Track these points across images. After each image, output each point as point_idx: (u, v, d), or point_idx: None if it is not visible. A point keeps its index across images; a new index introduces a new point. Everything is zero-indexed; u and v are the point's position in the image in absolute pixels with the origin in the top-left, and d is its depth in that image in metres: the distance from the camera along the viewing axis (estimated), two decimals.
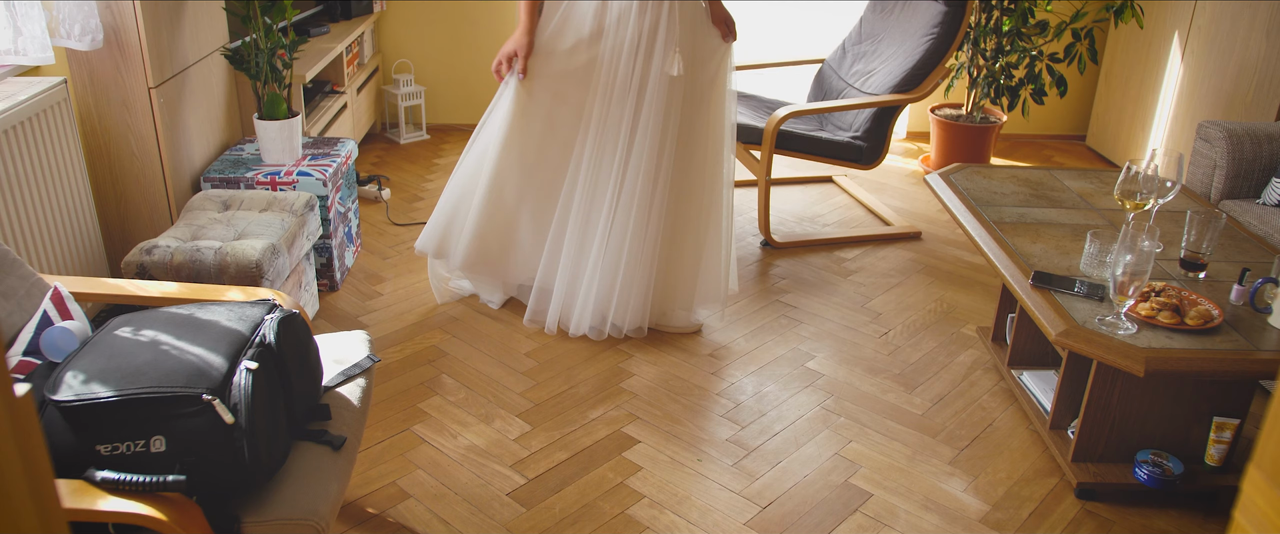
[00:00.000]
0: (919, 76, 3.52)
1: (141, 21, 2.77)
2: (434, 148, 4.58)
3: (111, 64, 2.83)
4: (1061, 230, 2.53)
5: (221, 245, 2.60)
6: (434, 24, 4.63)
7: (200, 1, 3.11)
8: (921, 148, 4.75)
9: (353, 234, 3.42)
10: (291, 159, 3.18)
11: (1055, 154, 4.75)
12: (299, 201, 2.91)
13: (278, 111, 3.13)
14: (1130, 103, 4.45)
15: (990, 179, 2.86)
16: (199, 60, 3.13)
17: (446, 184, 3.10)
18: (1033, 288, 2.20)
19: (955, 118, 4.30)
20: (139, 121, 2.89)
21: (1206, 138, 3.13)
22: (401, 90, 4.53)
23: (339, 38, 4.00)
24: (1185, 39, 4.04)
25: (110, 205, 2.98)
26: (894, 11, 3.81)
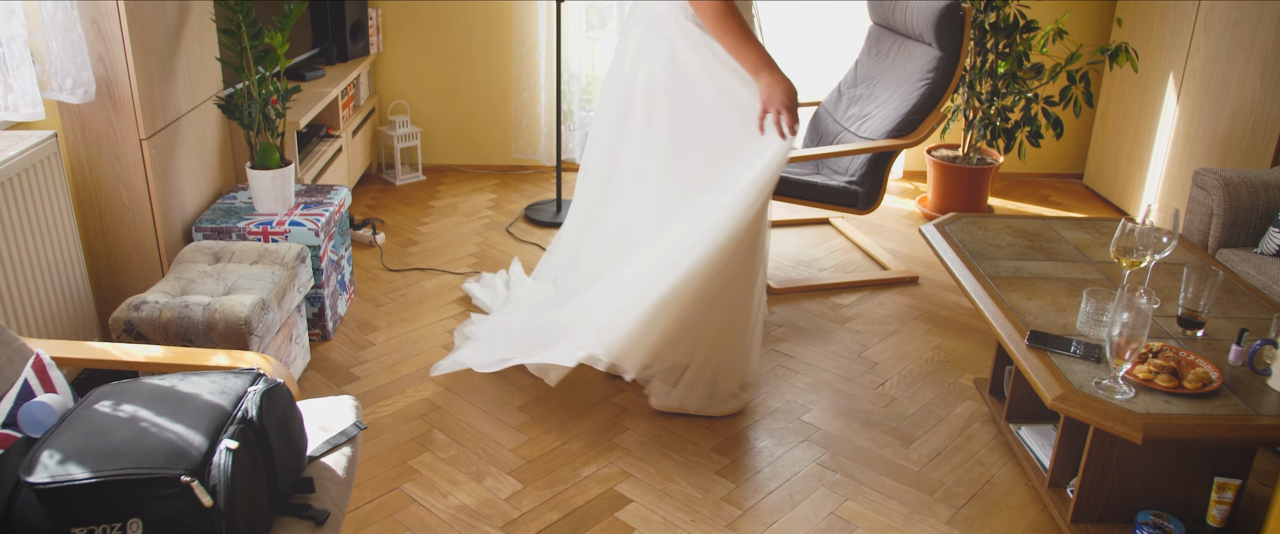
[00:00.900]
0: (914, 121, 3.51)
1: (134, 73, 2.76)
2: (430, 189, 4.57)
3: (103, 116, 2.82)
4: (1058, 285, 2.50)
5: (210, 301, 2.58)
6: (430, 65, 4.63)
7: (194, 50, 3.11)
8: (918, 188, 4.74)
9: (346, 282, 3.40)
10: (284, 208, 3.16)
11: (1053, 194, 4.73)
12: (290, 254, 2.89)
13: (270, 161, 3.11)
14: (1127, 143, 4.44)
15: (985, 230, 2.84)
16: (192, 108, 3.12)
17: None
18: (1029, 349, 2.17)
19: (952, 159, 4.29)
20: (130, 173, 2.88)
21: (1203, 185, 3.11)
22: (397, 131, 4.53)
23: (335, 81, 3.99)
24: (1180, 81, 4.03)
25: (101, 257, 2.97)
26: (889, 55, 3.80)
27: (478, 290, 3.45)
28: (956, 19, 3.46)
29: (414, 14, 4.53)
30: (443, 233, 4.06)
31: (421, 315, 3.36)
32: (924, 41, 3.62)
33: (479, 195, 4.49)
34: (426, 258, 3.82)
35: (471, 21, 4.54)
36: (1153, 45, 4.22)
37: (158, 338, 2.54)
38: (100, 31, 2.72)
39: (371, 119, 4.60)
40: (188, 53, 3.08)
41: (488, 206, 4.35)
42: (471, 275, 3.58)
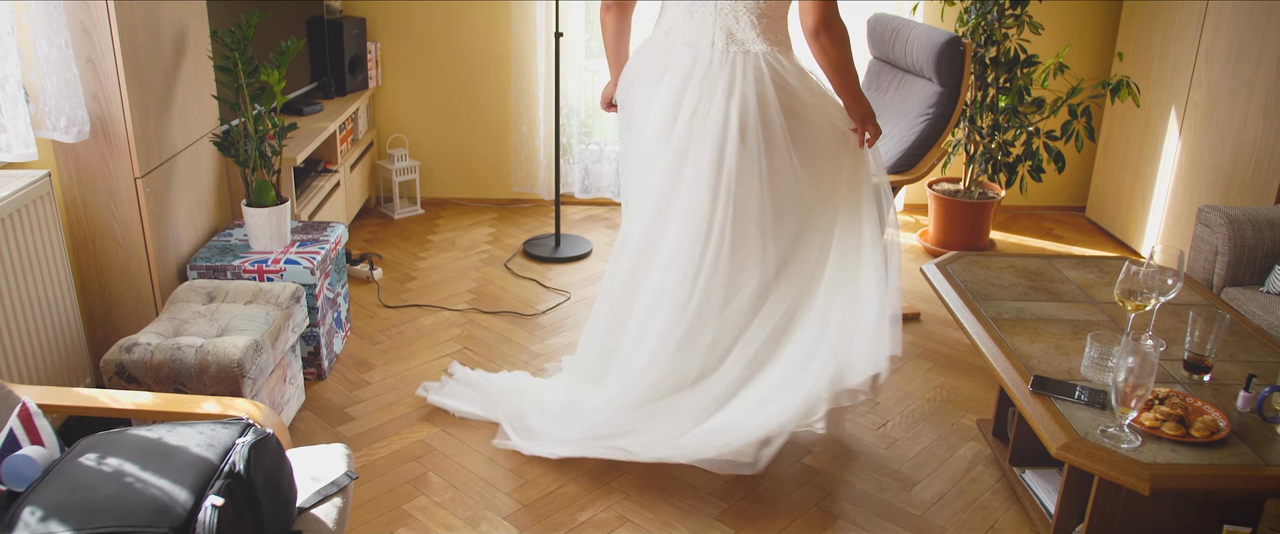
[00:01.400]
0: (915, 157, 3.49)
1: (129, 111, 2.74)
2: (428, 223, 4.54)
3: (98, 154, 2.80)
4: (1061, 327, 2.47)
5: (203, 343, 2.55)
6: (430, 98, 4.62)
7: (191, 86, 3.10)
8: (920, 221, 4.72)
9: (342, 319, 3.37)
10: (280, 246, 3.14)
11: (1055, 227, 4.71)
12: (285, 293, 2.86)
13: (266, 198, 3.09)
14: (1129, 176, 4.41)
15: (987, 269, 2.81)
16: (188, 146, 3.10)
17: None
18: (1032, 395, 2.14)
19: (953, 193, 4.26)
20: (125, 211, 2.86)
21: (1207, 223, 3.08)
22: (396, 165, 4.51)
23: (333, 116, 3.98)
24: (1182, 115, 4.01)
25: (95, 296, 2.94)
26: (889, 90, 3.79)
27: (453, 401, 2.98)
28: (957, 54, 3.45)
29: (413, 48, 4.53)
30: (441, 268, 4.03)
31: (418, 353, 3.33)
32: (924, 76, 3.60)
33: (477, 229, 4.46)
34: (424, 294, 3.79)
35: (471, 55, 4.54)
36: (1154, 79, 4.21)
37: (149, 380, 2.51)
38: (95, 70, 2.71)
39: (370, 152, 4.58)
40: (184, 89, 3.06)
41: (486, 241, 4.33)
42: (433, 383, 3.10)
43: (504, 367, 3.23)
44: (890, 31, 3.77)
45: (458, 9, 4.46)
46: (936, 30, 3.52)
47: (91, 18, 2.66)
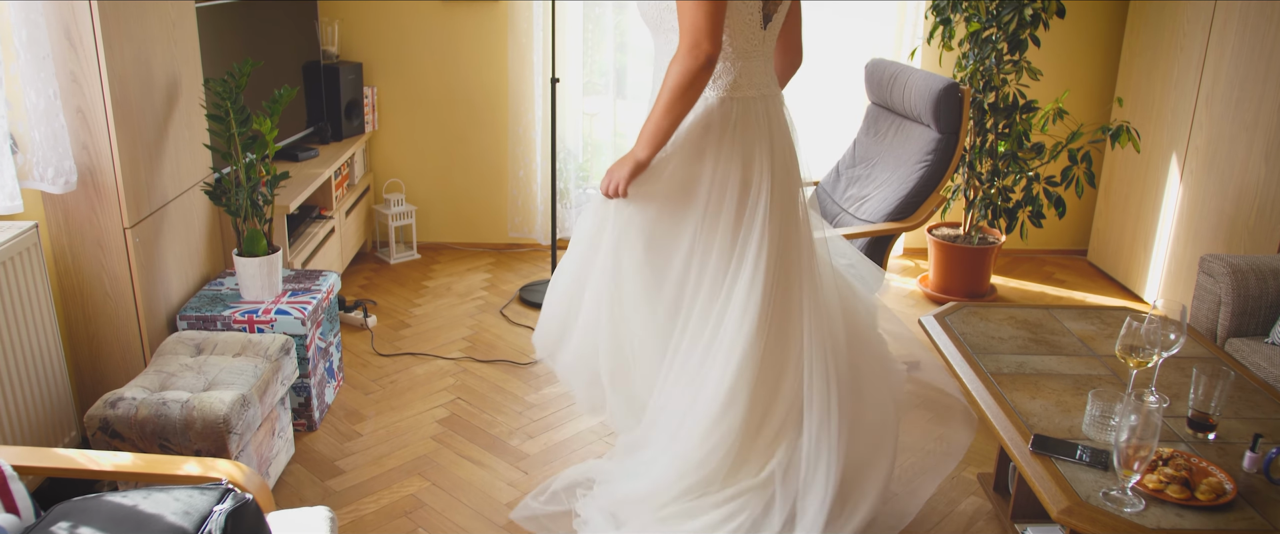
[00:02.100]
0: (914, 204, 3.45)
1: (118, 161, 2.72)
2: (424, 268, 4.51)
3: (87, 204, 2.78)
4: (1062, 382, 2.42)
5: (189, 397, 2.50)
6: (427, 142, 4.61)
7: (183, 134, 3.08)
8: (920, 266, 4.68)
9: (334, 369, 3.33)
10: (271, 296, 3.10)
11: (1057, 271, 4.66)
12: (274, 345, 2.82)
13: (257, 248, 3.06)
14: (1130, 220, 4.38)
15: (987, 321, 2.77)
16: (180, 194, 3.08)
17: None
18: (1033, 455, 2.08)
19: (953, 239, 4.23)
20: (113, 262, 2.83)
21: (1210, 272, 3.04)
22: (392, 209, 4.49)
23: (328, 161, 3.96)
24: (1183, 160, 3.99)
25: (83, 347, 2.90)
26: (888, 135, 3.77)
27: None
28: (955, 100, 3.42)
29: (411, 92, 4.52)
30: (435, 315, 4.00)
31: (410, 404, 3.28)
32: (922, 123, 3.58)
33: (474, 275, 4.43)
34: (418, 342, 3.74)
35: (468, 99, 4.53)
36: (1154, 124, 4.19)
37: (134, 436, 2.46)
38: (85, 120, 2.69)
39: (367, 197, 4.56)
40: (176, 137, 3.04)
41: (482, 287, 4.29)
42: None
43: (499, 416, 3.18)
44: (888, 77, 3.75)
45: (455, 54, 4.46)
46: (934, 76, 3.50)
47: (82, 68, 2.64)
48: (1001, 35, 3.91)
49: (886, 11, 4.37)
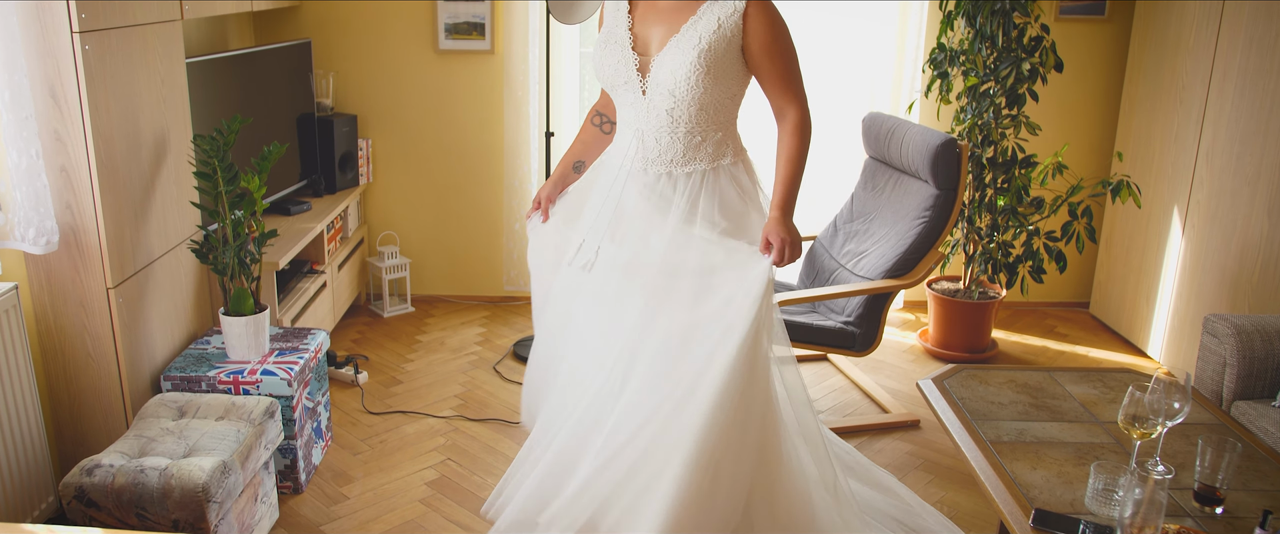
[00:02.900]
0: (912, 261, 3.40)
1: (102, 221, 2.68)
2: (418, 322, 4.46)
3: (70, 264, 2.73)
4: (1064, 451, 2.35)
5: (168, 464, 2.44)
6: (421, 195, 4.57)
7: (171, 191, 3.04)
8: (920, 319, 4.62)
9: (322, 428, 3.26)
10: (257, 355, 3.04)
11: (1058, 324, 4.60)
12: (258, 409, 2.76)
13: (244, 307, 3.01)
14: (1133, 274, 4.32)
15: (987, 384, 2.71)
16: (166, 252, 3.03)
17: None
18: (1034, 531, 2.01)
19: (953, 293, 4.17)
20: (96, 323, 2.77)
21: (1214, 333, 2.98)
22: (386, 262, 4.44)
23: (321, 215, 3.92)
24: (1185, 214, 3.94)
25: (64, 409, 2.84)
26: (885, 190, 3.73)
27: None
28: (953, 157, 3.39)
29: (405, 144, 4.50)
30: (428, 371, 3.93)
31: (399, 465, 3.21)
32: (920, 178, 3.54)
33: (468, 329, 4.37)
34: (409, 399, 3.68)
35: (463, 151, 4.50)
36: (1154, 178, 4.15)
37: (110, 505, 2.40)
38: (69, 179, 2.65)
39: (361, 249, 4.52)
40: (164, 195, 3.00)
41: (476, 342, 4.23)
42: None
43: (489, 478, 3.11)
44: (885, 132, 3.72)
45: (450, 106, 4.44)
46: (932, 132, 3.47)
47: (66, 126, 2.61)
48: (999, 89, 3.88)
49: (883, 64, 4.35)
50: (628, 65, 2.46)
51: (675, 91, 2.40)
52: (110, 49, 2.68)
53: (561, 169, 2.80)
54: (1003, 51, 3.86)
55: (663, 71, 2.40)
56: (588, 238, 2.58)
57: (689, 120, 2.44)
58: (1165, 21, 4.10)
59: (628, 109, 2.51)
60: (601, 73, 2.52)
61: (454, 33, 4.32)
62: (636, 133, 2.50)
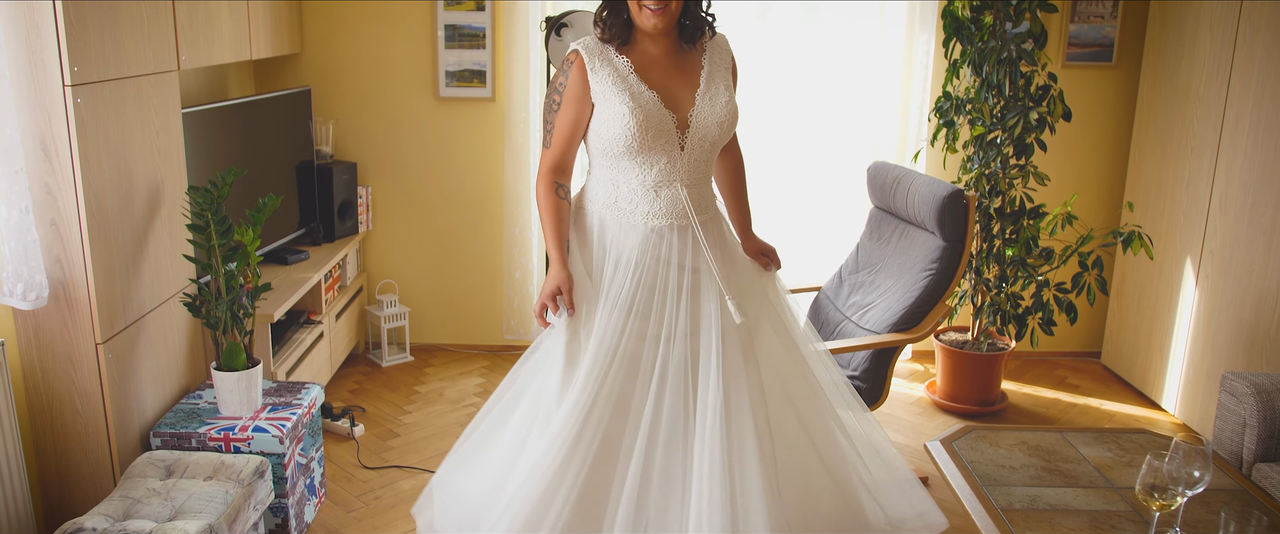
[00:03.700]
0: (919, 314, 3.33)
1: (92, 276, 2.63)
2: (417, 371, 4.38)
3: (58, 319, 2.68)
4: (1079, 520, 2.26)
5: (152, 529, 2.37)
6: (421, 243, 4.52)
7: (164, 244, 2.99)
8: (928, 370, 4.53)
9: (316, 485, 3.18)
10: (249, 411, 2.98)
11: (1070, 375, 4.51)
12: (247, 469, 2.69)
13: (236, 362, 2.95)
14: (1145, 325, 4.24)
15: (997, 446, 2.62)
16: (158, 305, 2.97)
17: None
18: None
19: (961, 344, 4.09)
20: (84, 379, 2.71)
21: (1233, 392, 2.89)
22: (385, 311, 4.38)
23: (318, 265, 3.87)
24: (1198, 264, 3.86)
25: (50, 467, 2.77)
26: (891, 241, 3.66)
27: None
28: (960, 208, 3.32)
29: (405, 192, 4.46)
30: (426, 423, 3.86)
31: (394, 523, 3.13)
32: (927, 229, 3.48)
33: (467, 379, 4.30)
34: (406, 453, 3.60)
35: (464, 200, 4.46)
36: (1166, 227, 4.08)
37: None
38: (59, 233, 2.61)
39: (360, 297, 4.46)
40: (157, 247, 2.95)
41: (475, 393, 4.15)
42: None
43: None
44: (891, 181, 3.66)
45: (450, 153, 4.40)
46: (938, 183, 3.41)
47: (56, 180, 2.57)
48: (1007, 139, 3.83)
49: (889, 113, 4.31)
50: (667, 123, 2.37)
51: (715, 140, 2.43)
52: (103, 101, 2.65)
53: (561, 253, 2.47)
54: (1010, 100, 3.81)
55: (705, 123, 2.40)
56: (667, 314, 2.42)
57: (711, 165, 2.51)
58: (1174, 68, 4.05)
59: (652, 169, 2.40)
60: (626, 139, 2.35)
61: (455, 80, 4.30)
62: (672, 192, 2.41)
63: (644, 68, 2.41)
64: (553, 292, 2.41)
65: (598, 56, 2.38)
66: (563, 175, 2.50)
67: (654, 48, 2.43)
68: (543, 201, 2.49)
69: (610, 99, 2.36)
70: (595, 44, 2.41)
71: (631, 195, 2.43)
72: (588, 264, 2.48)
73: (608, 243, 2.46)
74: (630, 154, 2.38)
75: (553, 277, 2.43)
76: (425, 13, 4.26)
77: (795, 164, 4.47)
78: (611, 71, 2.37)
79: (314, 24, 4.27)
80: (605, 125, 2.38)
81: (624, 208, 2.44)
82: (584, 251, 2.50)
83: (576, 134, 2.46)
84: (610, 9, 2.40)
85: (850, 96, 4.37)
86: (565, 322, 2.43)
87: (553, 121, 2.46)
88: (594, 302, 2.43)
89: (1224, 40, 3.73)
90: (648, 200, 2.41)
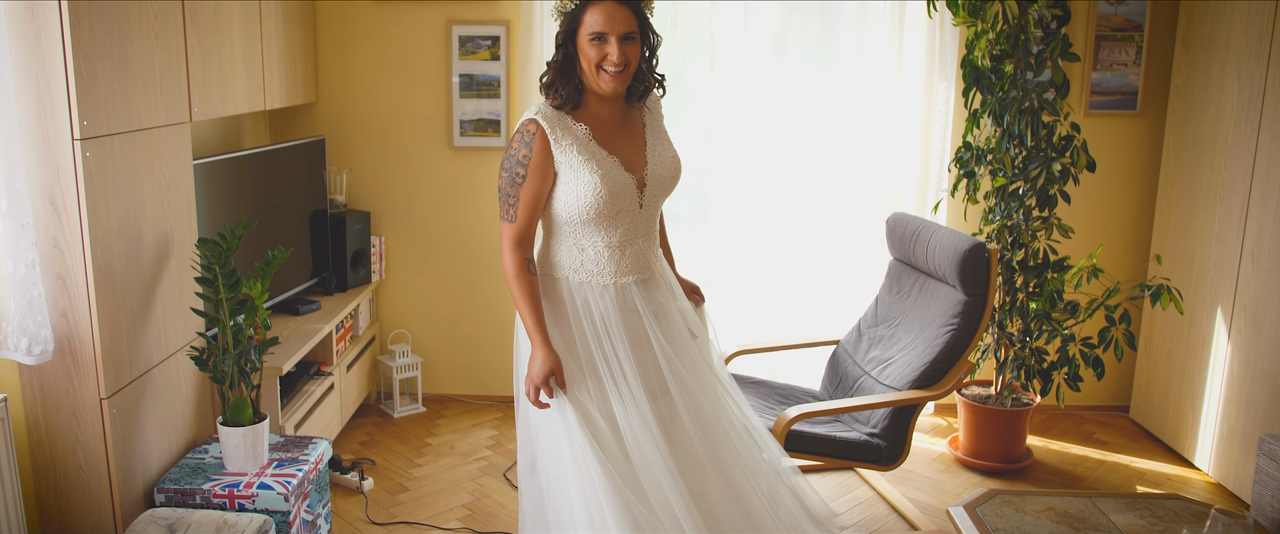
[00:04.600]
0: (940, 371, 3.25)
1: (98, 331, 2.59)
2: (429, 423, 4.32)
3: (63, 373, 2.64)
4: None
5: None
6: (434, 293, 4.48)
7: (172, 296, 2.96)
8: (950, 424, 4.42)
9: None
10: (255, 467, 2.92)
11: (1097, 430, 4.39)
12: (251, 529, 2.63)
13: (242, 417, 2.90)
14: (1175, 379, 4.13)
15: (1023, 513, 2.53)
16: (165, 359, 2.93)
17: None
18: None
19: (984, 400, 3.98)
20: (88, 434, 2.67)
21: (1272, 456, 2.78)
22: (397, 361, 4.33)
23: (330, 315, 3.83)
24: (1230, 318, 3.76)
25: (53, 525, 2.72)
26: (911, 294, 3.58)
27: None
28: (982, 262, 3.25)
29: (419, 242, 4.42)
30: (436, 477, 3.79)
31: None
32: (948, 282, 3.40)
33: (479, 431, 4.23)
34: (415, 509, 3.53)
35: (479, 249, 4.42)
36: (1196, 279, 3.98)
37: None
38: (66, 287, 2.58)
39: (372, 347, 4.41)
40: (165, 300, 2.92)
41: (487, 445, 4.08)
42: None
43: None
44: (910, 233, 3.60)
45: (465, 203, 4.37)
46: (959, 235, 3.34)
47: (64, 234, 2.55)
48: (1029, 190, 3.75)
49: (908, 163, 4.24)
50: (629, 186, 2.42)
51: (667, 193, 2.52)
52: (113, 153, 2.63)
53: (543, 334, 2.40)
54: (1032, 151, 3.74)
55: (659, 179, 2.47)
56: (626, 369, 2.44)
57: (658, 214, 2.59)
58: (1201, 117, 3.97)
59: (617, 230, 2.43)
60: (596, 207, 2.36)
61: (470, 129, 4.28)
62: (635, 248, 2.47)
63: (600, 132, 2.41)
64: (545, 376, 2.37)
65: (558, 126, 2.36)
66: (527, 248, 2.45)
67: (604, 111, 2.44)
68: (516, 281, 2.42)
69: (577, 168, 2.35)
70: (552, 112, 2.38)
71: (598, 257, 2.44)
72: (565, 333, 2.46)
73: (578, 306, 2.45)
74: (599, 219, 2.38)
75: (542, 361, 2.37)
76: (440, 62, 4.25)
77: (812, 214, 4.40)
78: (573, 140, 2.36)
79: (329, 74, 4.27)
80: (573, 195, 2.36)
81: (591, 269, 2.44)
82: (561, 320, 2.47)
83: (539, 204, 2.41)
84: (561, 74, 2.38)
85: (868, 145, 4.31)
86: (562, 398, 2.40)
87: (516, 194, 2.39)
88: (583, 373, 2.44)
89: (1253, 87, 3.65)
90: (614, 260, 2.44)
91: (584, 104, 2.42)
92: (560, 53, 2.38)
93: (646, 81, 2.48)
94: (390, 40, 4.25)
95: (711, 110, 4.35)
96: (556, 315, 2.47)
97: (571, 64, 2.37)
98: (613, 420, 2.40)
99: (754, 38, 4.22)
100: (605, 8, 2.30)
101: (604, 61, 2.31)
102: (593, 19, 2.30)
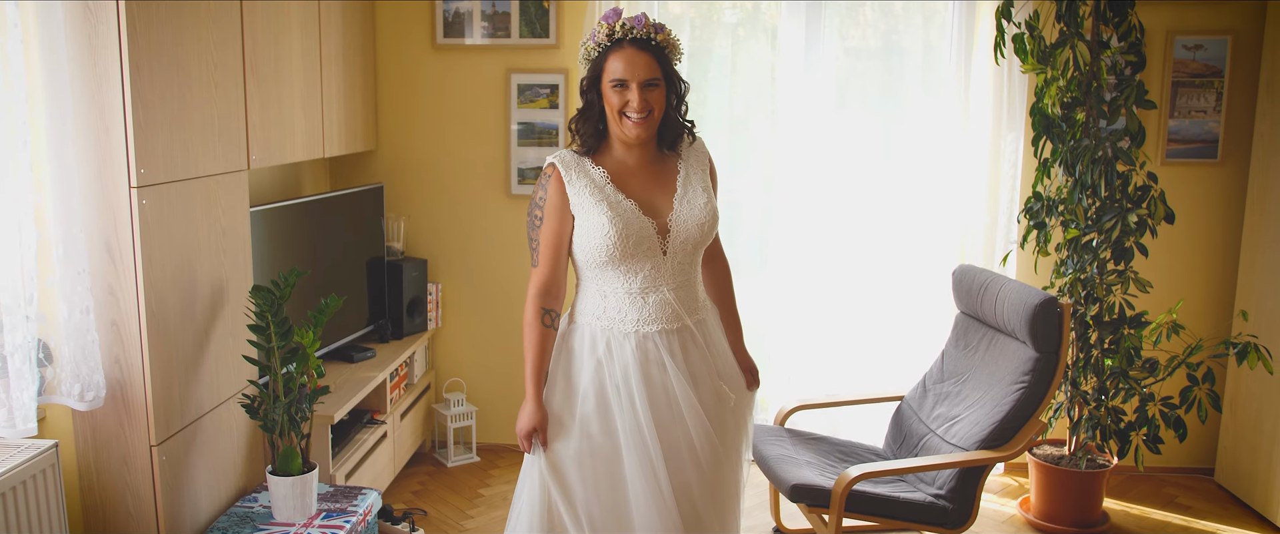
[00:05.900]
0: (1010, 431, 3.10)
1: (149, 378, 2.60)
2: (482, 473, 4.26)
3: (115, 420, 2.65)
4: None
5: None
6: (490, 341, 4.45)
7: (226, 343, 2.96)
8: (1022, 484, 4.23)
9: None
10: (303, 517, 2.89)
11: (1179, 494, 4.16)
12: None
13: (292, 466, 2.88)
14: (1264, 441, 3.90)
15: None
16: (216, 406, 2.93)
17: None
18: None
19: (1057, 461, 3.80)
20: (138, 481, 2.66)
21: None
22: (452, 410, 4.29)
23: (384, 363, 3.81)
24: None
25: None
26: (979, 350, 3.44)
27: None
28: (1054, 317, 3.11)
29: (476, 290, 4.40)
30: (486, 529, 3.72)
31: None
32: (1017, 338, 3.26)
33: None
34: None
35: None
36: None
37: None
38: (119, 334, 2.59)
39: (427, 395, 4.39)
40: (218, 347, 2.92)
41: None
42: None
43: None
44: (978, 286, 3.47)
45: (521, 251, 4.34)
46: (1029, 289, 3.21)
47: (119, 281, 2.56)
48: (1104, 242, 3.59)
49: (975, 213, 4.11)
50: (647, 230, 2.39)
51: (697, 242, 2.44)
52: (169, 201, 2.64)
53: (537, 388, 2.50)
54: (1106, 201, 3.59)
55: (685, 226, 2.42)
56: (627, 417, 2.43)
57: (696, 266, 2.52)
58: None
59: (637, 276, 2.41)
60: (608, 248, 2.37)
61: (528, 177, 4.26)
62: (660, 296, 2.43)
63: (620, 176, 2.42)
64: (529, 431, 2.46)
65: (573, 169, 2.41)
66: (552, 300, 2.49)
67: (629, 156, 2.45)
68: (529, 329, 2.49)
69: (589, 210, 2.38)
70: (571, 156, 2.44)
71: (619, 304, 2.42)
72: (578, 382, 2.47)
73: (602, 354, 2.44)
74: (614, 263, 2.39)
75: (529, 416, 2.47)
76: (499, 110, 4.25)
77: (876, 264, 4.29)
78: (588, 183, 2.39)
79: (389, 121, 4.30)
80: (587, 236, 2.39)
81: (614, 317, 2.43)
82: (579, 369, 2.48)
83: (561, 248, 2.45)
84: (585, 119, 2.43)
85: (934, 195, 4.20)
86: (540, 452, 2.47)
87: (537, 238, 2.47)
88: (578, 426, 2.45)
89: None
90: (636, 307, 2.41)
91: (608, 149, 2.46)
92: (584, 99, 2.43)
93: (676, 127, 2.48)
94: (450, 88, 4.27)
95: (772, 157, 4.28)
96: (575, 364, 2.49)
97: (593, 110, 2.41)
98: (617, 476, 2.42)
99: (816, 84, 4.15)
100: (626, 55, 2.33)
101: (626, 108, 2.35)
102: (615, 65, 2.34)
